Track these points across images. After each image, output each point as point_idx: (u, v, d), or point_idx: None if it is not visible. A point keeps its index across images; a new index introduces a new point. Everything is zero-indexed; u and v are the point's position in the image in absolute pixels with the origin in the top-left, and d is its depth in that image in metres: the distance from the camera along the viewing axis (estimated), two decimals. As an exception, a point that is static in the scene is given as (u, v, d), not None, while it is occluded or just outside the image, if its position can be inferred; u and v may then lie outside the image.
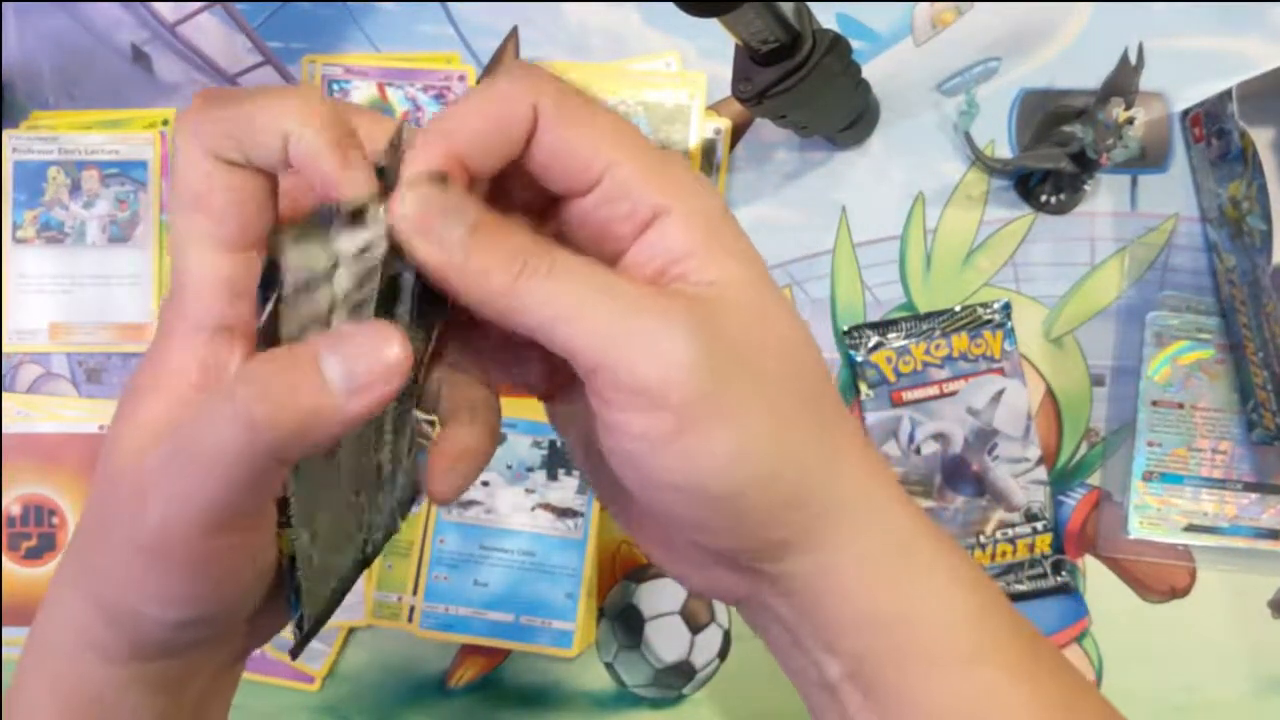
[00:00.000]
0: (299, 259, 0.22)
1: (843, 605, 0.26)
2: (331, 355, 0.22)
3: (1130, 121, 0.50)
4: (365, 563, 0.28)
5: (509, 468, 0.53)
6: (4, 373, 0.56)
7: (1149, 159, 0.53)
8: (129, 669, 0.25)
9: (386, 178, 0.23)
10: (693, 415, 0.23)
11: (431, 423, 0.28)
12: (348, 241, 0.23)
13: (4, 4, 0.58)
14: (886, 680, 0.26)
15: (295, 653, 0.26)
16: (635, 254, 0.24)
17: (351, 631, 0.54)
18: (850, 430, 0.26)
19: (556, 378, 0.28)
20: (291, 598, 0.25)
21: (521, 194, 0.26)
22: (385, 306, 0.24)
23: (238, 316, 0.24)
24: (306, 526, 0.25)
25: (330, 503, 0.26)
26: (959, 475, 0.52)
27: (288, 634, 0.26)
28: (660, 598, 0.53)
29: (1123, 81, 0.50)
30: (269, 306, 0.22)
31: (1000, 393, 0.52)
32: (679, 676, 0.53)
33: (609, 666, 0.54)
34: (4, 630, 0.54)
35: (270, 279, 0.22)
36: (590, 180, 0.24)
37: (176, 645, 0.25)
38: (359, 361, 0.22)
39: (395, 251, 0.23)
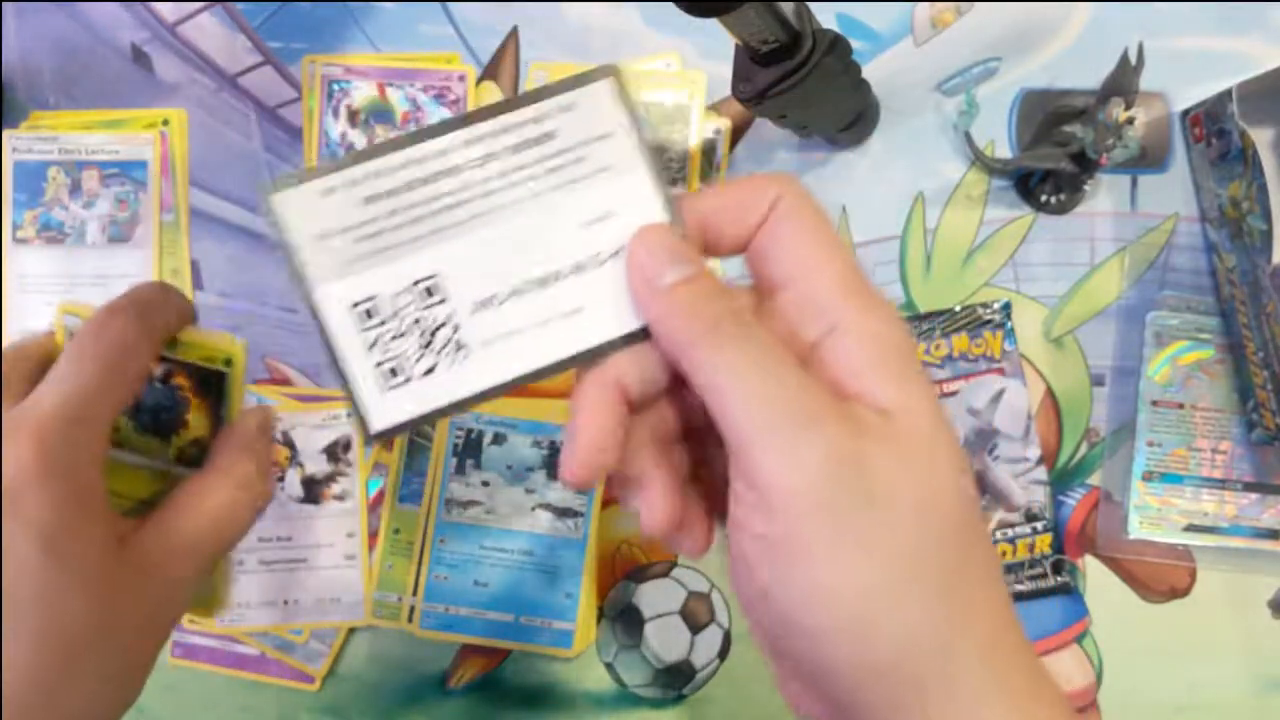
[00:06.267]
0: None
1: None
2: None
3: (1130, 121, 0.50)
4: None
5: (509, 468, 0.53)
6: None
7: (1149, 159, 0.53)
8: None
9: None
10: (802, 535, 0.22)
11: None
12: None
13: (4, 4, 0.58)
14: None
15: None
16: (815, 360, 0.25)
17: (351, 631, 0.54)
18: (989, 609, 0.24)
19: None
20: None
21: None
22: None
23: None
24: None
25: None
26: (959, 475, 0.52)
27: (287, 635, 0.27)
28: (660, 598, 0.53)
29: (1123, 81, 0.50)
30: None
31: (1000, 393, 0.52)
32: (679, 676, 0.53)
33: (609, 666, 0.54)
34: None
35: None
36: (786, 277, 0.25)
37: None
38: None
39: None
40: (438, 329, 0.25)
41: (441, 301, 0.25)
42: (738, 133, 0.55)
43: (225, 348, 0.33)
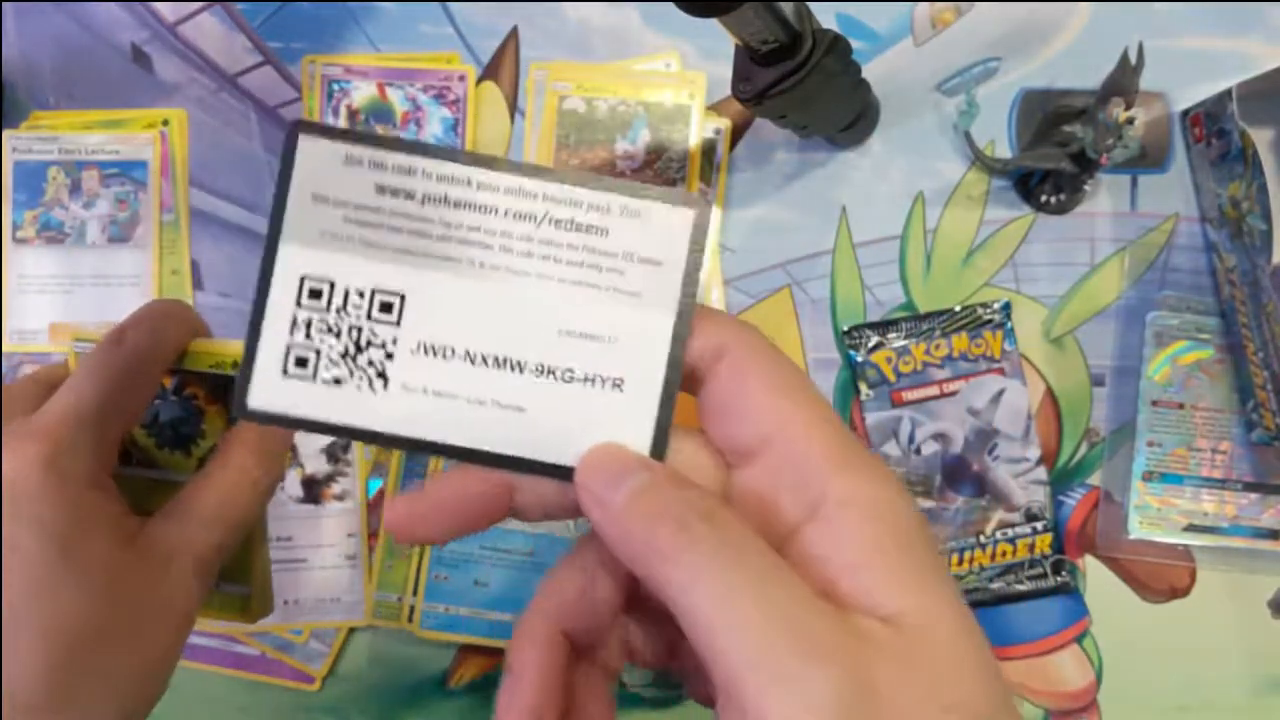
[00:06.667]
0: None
1: None
2: None
3: (1130, 121, 0.50)
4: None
5: (509, 468, 0.53)
6: (4, 373, 0.56)
7: (1149, 159, 0.53)
8: None
9: None
10: None
11: None
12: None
13: (4, 4, 0.58)
14: None
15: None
16: (802, 547, 0.21)
17: (351, 631, 0.54)
18: None
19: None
20: None
21: None
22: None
23: None
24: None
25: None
26: (959, 475, 0.52)
27: (287, 635, 0.27)
28: (660, 598, 0.53)
29: (1123, 81, 0.50)
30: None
31: (1000, 393, 0.52)
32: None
33: (609, 666, 0.54)
34: None
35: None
36: (757, 441, 0.22)
37: None
38: None
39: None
40: (370, 346, 0.23)
41: (393, 324, 0.23)
42: (738, 133, 0.55)
43: (233, 353, 0.33)
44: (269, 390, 0.23)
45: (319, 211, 0.23)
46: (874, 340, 0.53)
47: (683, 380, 0.23)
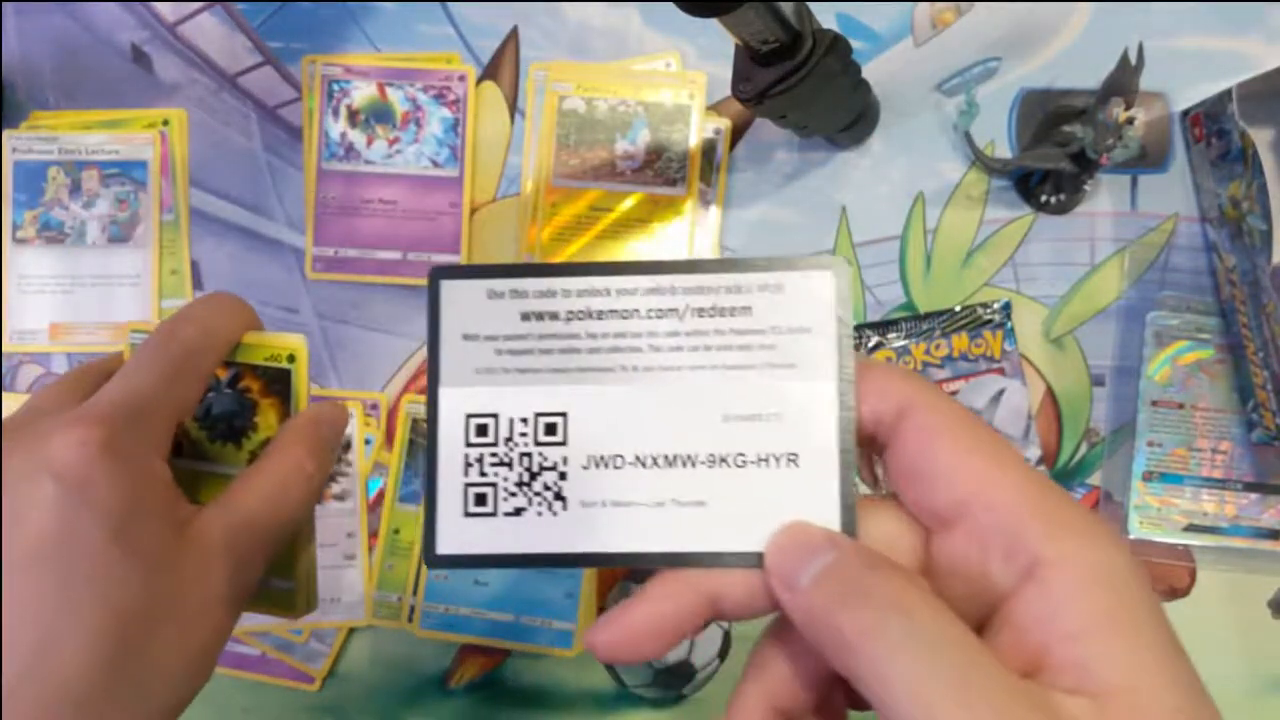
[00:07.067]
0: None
1: None
2: None
3: (1130, 121, 0.50)
4: None
5: (509, 468, 0.53)
6: (4, 373, 0.56)
7: (1149, 159, 0.53)
8: None
9: None
10: None
11: None
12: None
13: (4, 4, 0.58)
14: None
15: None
16: (1013, 614, 0.20)
17: (351, 631, 0.54)
18: None
19: None
20: None
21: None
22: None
23: None
24: None
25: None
26: (959, 475, 0.52)
27: (287, 635, 0.27)
28: (660, 598, 0.53)
29: (1123, 81, 0.50)
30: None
31: (1000, 393, 0.52)
32: (679, 676, 0.53)
33: (609, 666, 0.54)
34: None
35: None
36: (956, 506, 0.21)
37: None
38: None
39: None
40: (543, 471, 0.23)
41: (560, 444, 0.23)
42: (738, 133, 0.55)
43: (287, 345, 0.34)
44: (455, 534, 0.23)
45: (471, 349, 0.23)
46: (874, 340, 0.53)
47: (865, 444, 0.23)
